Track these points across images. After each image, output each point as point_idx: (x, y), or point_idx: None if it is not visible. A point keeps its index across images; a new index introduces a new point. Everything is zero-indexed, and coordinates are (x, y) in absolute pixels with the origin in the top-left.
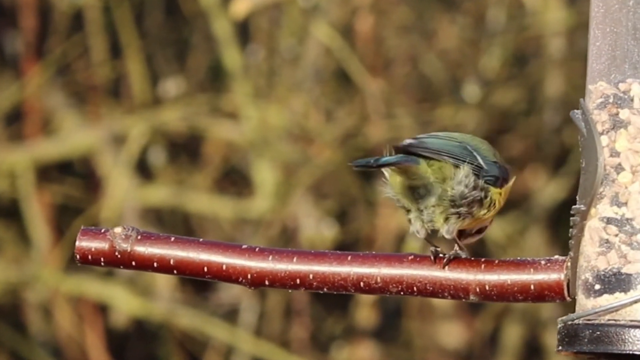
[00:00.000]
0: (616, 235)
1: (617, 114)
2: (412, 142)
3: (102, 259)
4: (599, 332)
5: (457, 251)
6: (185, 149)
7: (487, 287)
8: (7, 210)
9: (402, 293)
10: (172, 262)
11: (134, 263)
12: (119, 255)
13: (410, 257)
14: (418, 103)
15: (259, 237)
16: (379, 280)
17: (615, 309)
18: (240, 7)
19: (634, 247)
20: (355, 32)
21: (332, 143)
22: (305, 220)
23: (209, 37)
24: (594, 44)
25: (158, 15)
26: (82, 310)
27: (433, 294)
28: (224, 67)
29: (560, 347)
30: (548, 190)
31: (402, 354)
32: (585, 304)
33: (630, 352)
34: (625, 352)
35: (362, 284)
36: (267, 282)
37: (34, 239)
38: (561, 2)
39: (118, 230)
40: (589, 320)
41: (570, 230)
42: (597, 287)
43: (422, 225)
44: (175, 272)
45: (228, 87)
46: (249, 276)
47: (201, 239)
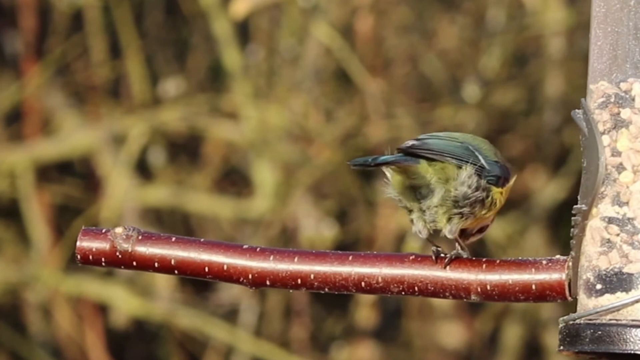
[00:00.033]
0: (617, 234)
1: (619, 113)
2: (414, 144)
3: (103, 259)
4: (600, 332)
5: (459, 251)
6: (185, 149)
7: (489, 287)
8: (7, 210)
9: (403, 293)
10: (173, 262)
11: (135, 263)
12: (120, 256)
13: (411, 257)
14: (418, 103)
15: (259, 237)
16: (380, 280)
17: (617, 309)
18: (240, 7)
19: (636, 247)
20: (355, 32)
21: (332, 143)
22: (305, 220)
23: (209, 37)
24: (595, 43)
25: (158, 15)
26: (82, 310)
27: (434, 294)
28: (223, 67)
29: (562, 347)
30: (548, 190)
31: (402, 354)
32: (586, 304)
33: (632, 352)
34: (626, 352)
35: (363, 284)
36: (268, 282)
37: (33, 239)
38: (561, 2)
39: (119, 230)
40: (590, 320)
41: (572, 230)
42: (599, 286)
43: (425, 225)
44: (176, 272)
45: (228, 87)
46: (250, 276)
47: (202, 239)
